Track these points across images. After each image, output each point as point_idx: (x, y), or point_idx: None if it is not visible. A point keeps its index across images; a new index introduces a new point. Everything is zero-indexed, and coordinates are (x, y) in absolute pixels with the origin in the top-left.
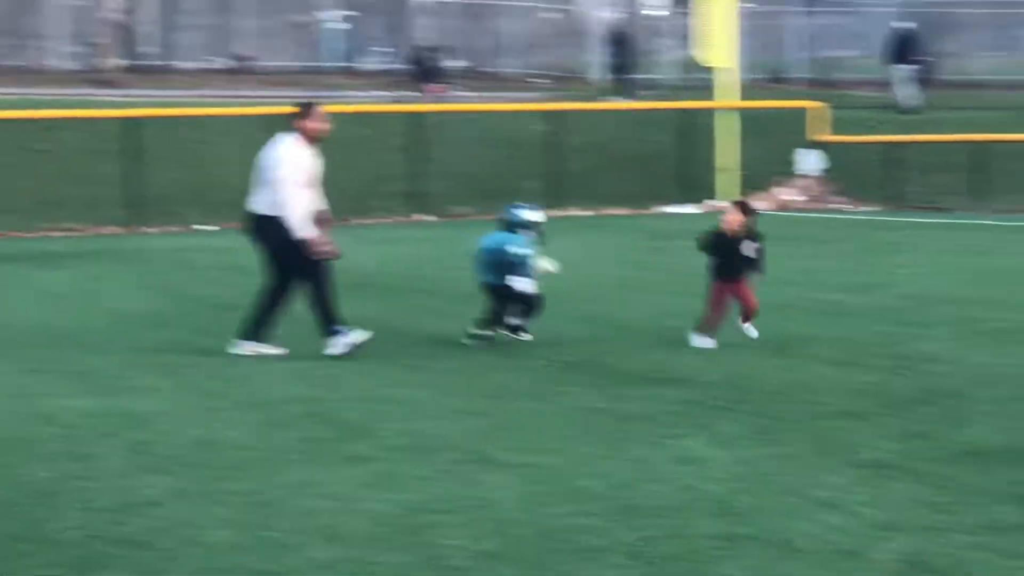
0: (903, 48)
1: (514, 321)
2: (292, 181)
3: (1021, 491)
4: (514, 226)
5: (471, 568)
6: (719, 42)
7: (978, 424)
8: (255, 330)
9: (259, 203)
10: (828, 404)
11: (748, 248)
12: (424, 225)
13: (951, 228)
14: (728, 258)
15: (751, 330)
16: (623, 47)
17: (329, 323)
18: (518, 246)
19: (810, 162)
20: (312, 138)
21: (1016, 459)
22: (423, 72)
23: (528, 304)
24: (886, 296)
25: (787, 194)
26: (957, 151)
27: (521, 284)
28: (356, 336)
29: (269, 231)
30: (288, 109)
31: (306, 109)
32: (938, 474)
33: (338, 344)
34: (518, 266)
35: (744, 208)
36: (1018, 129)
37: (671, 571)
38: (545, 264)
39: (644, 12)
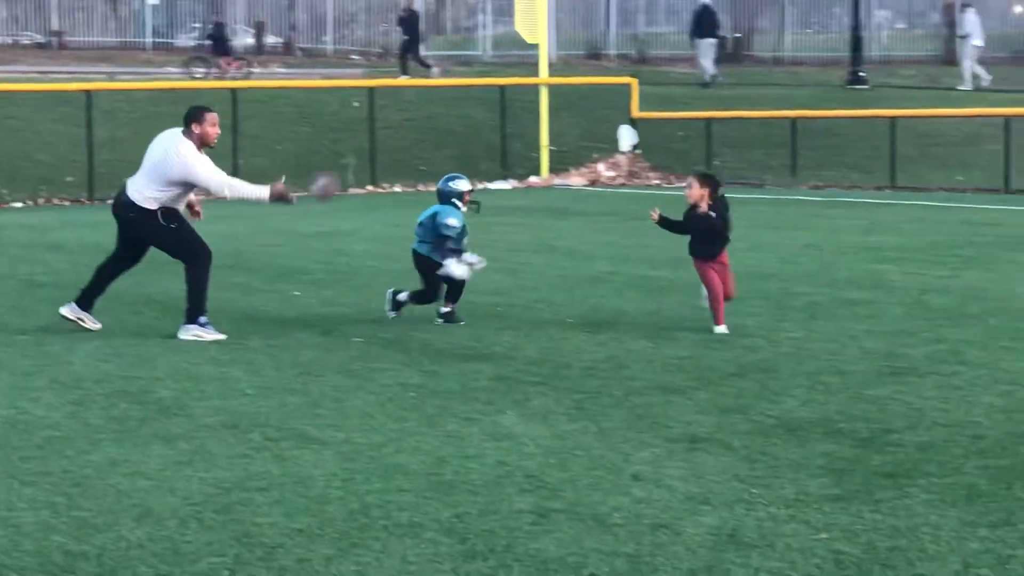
0: (702, 23)
1: (444, 310)
2: (211, 172)
3: (833, 464)
4: (448, 197)
5: (283, 546)
6: (535, 18)
7: (791, 398)
8: (86, 299)
9: (136, 192)
10: (642, 379)
11: (710, 219)
12: (239, 202)
13: (765, 203)
14: (699, 234)
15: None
16: (409, 24)
17: (196, 310)
18: (451, 217)
19: (626, 138)
20: (203, 143)
21: (828, 432)
22: (220, 47)
23: (454, 286)
24: None
25: (604, 170)
26: (770, 127)
27: (452, 269)
28: (212, 334)
29: (143, 223)
30: (101, 85)
31: (199, 114)
32: (751, 448)
33: (191, 332)
34: (450, 238)
35: (704, 180)
36: (829, 105)
37: (485, 546)
38: (471, 261)
39: None
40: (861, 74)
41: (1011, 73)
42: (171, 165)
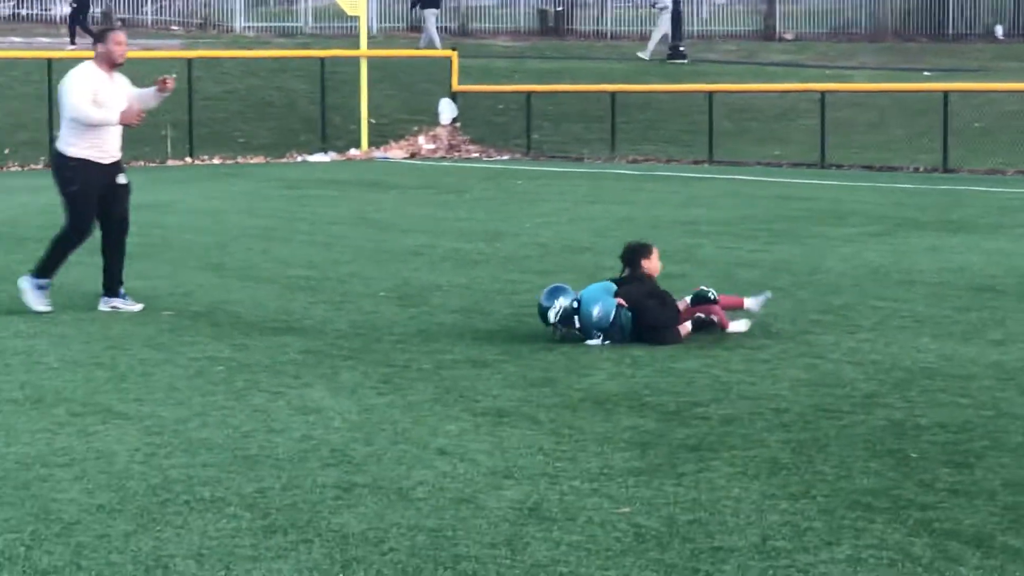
0: None
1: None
2: (85, 106)
3: (638, 437)
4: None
5: (81, 521)
6: None
7: (599, 371)
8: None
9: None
10: (452, 352)
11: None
12: (20, 174)
13: (583, 177)
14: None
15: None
16: None
17: (46, 268)
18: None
19: (447, 111)
20: (111, 63)
21: (634, 406)
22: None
23: None
24: (514, 245)
25: (424, 143)
26: (590, 101)
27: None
28: (39, 302)
29: (57, 170)
30: None
31: (101, 34)
32: (558, 421)
33: (28, 292)
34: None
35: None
36: (648, 80)
37: (287, 521)
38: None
39: None
40: (681, 49)
41: (828, 49)
42: (61, 95)
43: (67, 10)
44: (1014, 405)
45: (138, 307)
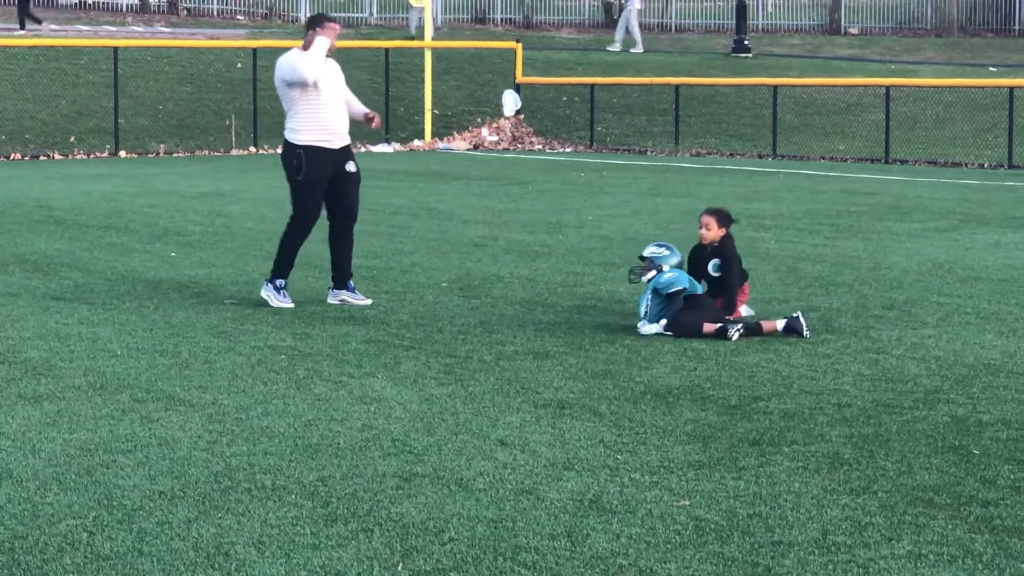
0: None
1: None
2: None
3: (699, 431)
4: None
5: (143, 508)
6: None
7: (661, 364)
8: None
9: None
10: (513, 344)
11: (713, 265)
12: (125, 161)
13: (646, 170)
14: (697, 272)
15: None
16: None
17: (279, 268)
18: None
19: (510, 103)
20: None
21: (695, 399)
22: (23, 5)
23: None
24: (577, 237)
25: (487, 134)
26: (654, 94)
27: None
28: (282, 301)
29: (284, 157)
30: None
31: (316, 20)
32: (619, 414)
33: (270, 298)
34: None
35: (720, 218)
36: (712, 73)
37: (347, 510)
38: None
39: None
40: (745, 42)
41: (893, 43)
42: (280, 74)
43: None
44: None
45: (366, 301)
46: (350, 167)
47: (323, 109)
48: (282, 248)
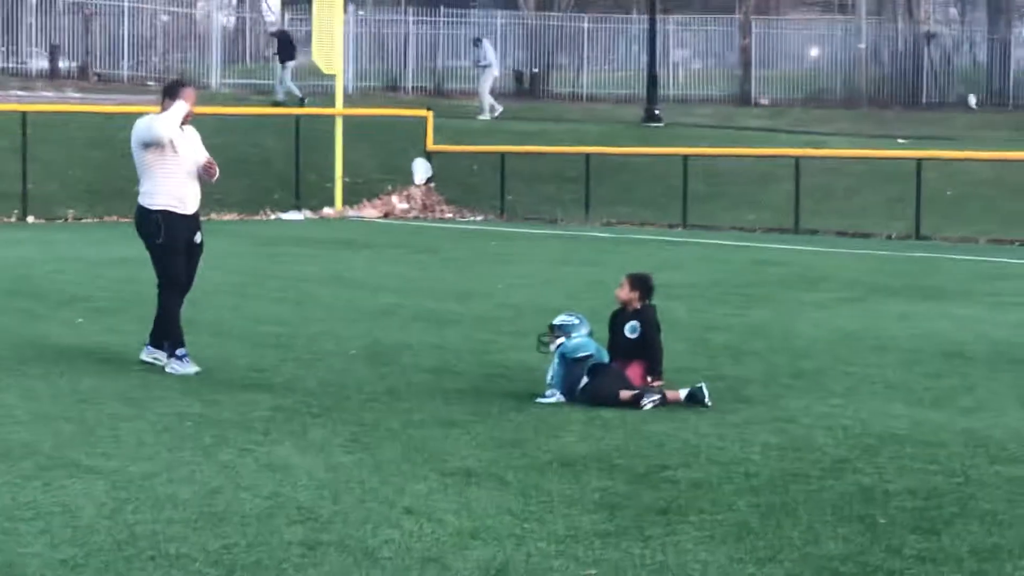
0: (283, 48)
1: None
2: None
3: (606, 499)
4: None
5: None
6: (332, 49)
7: (569, 433)
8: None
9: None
10: (421, 412)
11: (630, 327)
12: (33, 227)
13: (557, 239)
14: (614, 335)
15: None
16: None
17: (170, 337)
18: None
19: (421, 171)
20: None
21: (603, 468)
22: None
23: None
24: (486, 305)
25: (398, 202)
26: (565, 163)
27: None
28: (188, 368)
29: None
30: None
31: (172, 88)
32: (526, 482)
33: (174, 370)
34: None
35: (634, 280)
36: (624, 142)
37: None
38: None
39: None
40: (656, 112)
41: (804, 115)
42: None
43: (43, 64)
44: (983, 472)
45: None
46: (197, 238)
47: (176, 174)
48: (164, 318)
